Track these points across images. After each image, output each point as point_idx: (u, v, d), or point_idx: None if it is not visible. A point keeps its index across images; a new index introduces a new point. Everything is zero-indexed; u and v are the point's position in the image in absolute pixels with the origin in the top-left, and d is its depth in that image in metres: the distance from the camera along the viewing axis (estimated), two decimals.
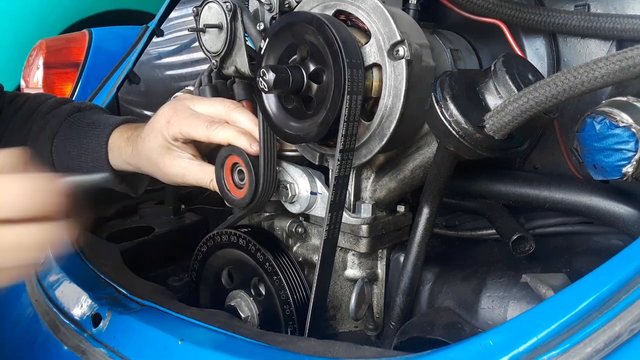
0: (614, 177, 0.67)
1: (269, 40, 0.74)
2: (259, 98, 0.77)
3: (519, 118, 0.61)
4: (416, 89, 0.72)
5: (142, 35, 1.41)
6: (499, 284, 0.72)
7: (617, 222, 0.74)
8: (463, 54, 0.93)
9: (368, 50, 0.72)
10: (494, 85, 0.67)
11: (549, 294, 0.62)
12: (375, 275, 0.85)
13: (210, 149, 0.87)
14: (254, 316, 0.86)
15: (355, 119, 0.70)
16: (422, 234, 0.77)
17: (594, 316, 0.49)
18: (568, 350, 0.48)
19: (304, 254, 0.87)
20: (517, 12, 0.83)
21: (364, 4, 0.73)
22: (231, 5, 0.84)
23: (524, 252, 0.78)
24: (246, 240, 0.84)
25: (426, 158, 0.81)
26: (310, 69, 0.71)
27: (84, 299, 0.87)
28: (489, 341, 0.53)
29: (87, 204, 0.68)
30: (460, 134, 0.65)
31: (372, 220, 0.81)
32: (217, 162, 0.83)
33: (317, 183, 0.82)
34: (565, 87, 0.56)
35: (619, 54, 0.53)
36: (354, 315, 0.79)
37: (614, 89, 0.80)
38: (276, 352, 0.67)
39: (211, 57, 0.89)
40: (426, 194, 0.77)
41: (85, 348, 0.79)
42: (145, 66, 1.72)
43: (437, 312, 0.76)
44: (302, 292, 0.81)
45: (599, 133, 0.67)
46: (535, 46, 0.90)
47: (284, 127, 0.75)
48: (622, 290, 0.50)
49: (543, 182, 0.81)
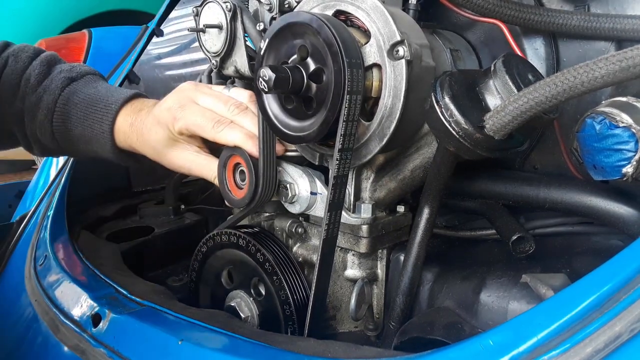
0: (614, 177, 0.67)
1: (268, 40, 0.74)
2: (258, 98, 0.77)
3: (519, 118, 0.61)
4: (416, 89, 0.72)
5: (142, 35, 1.41)
6: (499, 284, 0.72)
7: (617, 222, 0.74)
8: (463, 54, 0.93)
9: (368, 51, 0.72)
10: (494, 86, 0.67)
11: (549, 294, 0.61)
12: (375, 275, 0.85)
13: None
14: (253, 316, 0.85)
15: (355, 119, 0.70)
16: (422, 234, 0.77)
17: (594, 316, 0.49)
18: (568, 350, 0.48)
19: (304, 254, 0.87)
20: (517, 12, 0.83)
21: (364, 4, 0.73)
22: (231, 5, 0.84)
23: (524, 252, 0.78)
24: (246, 240, 0.84)
25: (426, 158, 0.81)
26: (310, 69, 0.71)
27: (83, 299, 0.87)
28: (489, 341, 0.53)
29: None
30: (460, 134, 0.65)
31: (372, 221, 0.81)
32: (219, 162, 0.83)
33: (317, 183, 0.82)
34: (565, 88, 0.56)
35: (619, 54, 0.53)
36: (354, 315, 0.79)
37: (614, 89, 0.80)
38: (276, 352, 0.67)
39: (211, 57, 0.89)
40: (426, 194, 0.77)
41: (85, 348, 0.79)
42: (145, 66, 1.72)
43: (437, 312, 0.75)
44: (302, 292, 0.81)
45: (599, 133, 0.67)
46: (535, 46, 0.90)
47: (284, 127, 0.75)
48: (622, 290, 0.50)
49: (543, 182, 0.81)
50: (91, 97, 0.91)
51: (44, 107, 0.92)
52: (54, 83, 0.93)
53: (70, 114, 0.91)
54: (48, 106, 0.92)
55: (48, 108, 0.92)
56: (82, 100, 0.91)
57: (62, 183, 1.20)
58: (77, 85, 0.93)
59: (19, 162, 3.63)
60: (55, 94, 0.92)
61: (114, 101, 0.89)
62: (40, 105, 0.92)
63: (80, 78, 0.95)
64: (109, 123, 0.88)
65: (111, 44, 2.02)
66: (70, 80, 0.93)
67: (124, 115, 0.88)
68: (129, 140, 0.88)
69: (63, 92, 0.92)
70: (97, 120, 0.89)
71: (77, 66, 0.97)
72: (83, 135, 0.91)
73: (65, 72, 0.95)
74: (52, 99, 0.92)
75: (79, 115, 0.91)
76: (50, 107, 0.92)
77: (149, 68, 1.79)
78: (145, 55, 1.51)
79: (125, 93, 0.91)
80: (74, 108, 0.91)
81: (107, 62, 1.45)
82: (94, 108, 0.90)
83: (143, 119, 0.86)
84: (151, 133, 0.85)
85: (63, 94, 0.92)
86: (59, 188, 1.19)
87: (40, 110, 0.92)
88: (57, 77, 0.94)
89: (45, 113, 0.92)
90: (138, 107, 0.89)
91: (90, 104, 0.90)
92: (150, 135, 0.85)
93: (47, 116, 0.92)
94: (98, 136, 0.90)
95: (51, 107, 0.92)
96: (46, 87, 0.93)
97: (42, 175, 1.38)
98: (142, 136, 0.86)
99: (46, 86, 0.93)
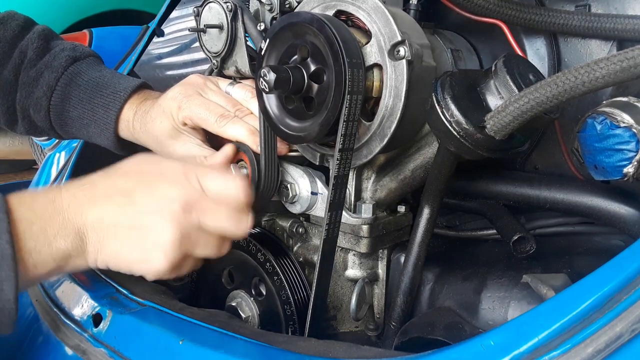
0: (615, 177, 0.67)
1: (269, 40, 0.74)
2: (259, 98, 0.77)
3: (519, 118, 0.61)
4: (417, 89, 0.72)
5: (142, 35, 1.41)
6: (500, 284, 0.72)
7: (618, 223, 0.74)
8: (464, 54, 0.92)
9: (369, 51, 0.72)
10: (494, 86, 0.67)
11: (549, 295, 0.61)
12: (375, 275, 0.85)
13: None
14: (254, 316, 0.86)
15: (355, 119, 0.70)
16: (423, 234, 0.77)
17: (595, 316, 0.49)
18: (569, 350, 0.48)
19: (304, 254, 0.87)
20: (517, 12, 0.83)
21: (365, 4, 0.73)
22: (232, 5, 0.84)
23: (525, 252, 0.78)
24: (247, 240, 0.84)
25: (427, 158, 0.81)
26: (311, 69, 0.71)
27: (84, 299, 0.87)
28: (490, 341, 0.53)
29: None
30: (461, 135, 0.65)
31: (373, 221, 0.81)
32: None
33: (317, 183, 0.82)
34: (566, 88, 0.56)
35: (620, 54, 0.53)
36: (355, 315, 0.79)
37: (615, 89, 0.80)
38: (276, 352, 0.67)
39: (212, 58, 0.89)
40: (427, 194, 0.77)
41: (85, 348, 0.79)
42: (146, 66, 1.72)
43: (438, 312, 0.76)
44: (302, 292, 0.81)
45: (600, 133, 0.67)
46: (536, 46, 0.90)
47: (284, 127, 0.75)
48: (623, 290, 0.50)
49: (544, 182, 0.81)
50: (96, 81, 0.89)
51: (44, 83, 0.89)
52: (56, 60, 0.90)
53: (71, 94, 0.89)
54: (49, 83, 0.89)
55: (49, 85, 0.89)
56: (86, 82, 0.89)
57: (62, 183, 1.20)
58: (81, 66, 0.91)
59: (20, 162, 3.63)
60: (58, 72, 0.89)
61: (122, 89, 0.87)
62: (40, 82, 0.89)
63: (84, 59, 0.92)
64: (115, 111, 0.86)
65: (112, 43, 2.03)
66: (73, 59, 0.91)
67: (129, 104, 0.87)
68: (132, 129, 0.87)
69: (66, 71, 0.90)
70: (101, 105, 0.87)
71: (80, 46, 0.94)
72: (81, 118, 0.89)
73: (68, 50, 0.92)
74: (54, 77, 0.89)
75: (82, 97, 0.88)
76: (51, 84, 0.89)
77: (150, 68, 1.80)
78: (145, 55, 1.51)
79: (133, 82, 0.89)
80: (77, 89, 0.89)
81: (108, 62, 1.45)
82: (100, 93, 0.88)
83: (147, 108, 0.85)
84: (155, 122, 0.83)
85: (66, 73, 0.90)
86: None
87: (40, 86, 0.89)
88: (60, 55, 0.91)
89: (44, 90, 0.89)
90: (143, 97, 0.88)
91: (96, 88, 0.88)
92: (155, 124, 0.83)
93: (46, 93, 0.89)
94: (99, 122, 0.88)
95: (52, 85, 0.89)
96: (48, 64, 0.90)
97: (43, 175, 1.38)
98: (145, 125, 0.85)
99: (47, 62, 0.90)
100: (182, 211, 0.61)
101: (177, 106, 0.81)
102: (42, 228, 0.57)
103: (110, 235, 0.60)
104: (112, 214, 0.60)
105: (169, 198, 0.62)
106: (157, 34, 1.37)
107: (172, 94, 0.83)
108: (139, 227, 0.61)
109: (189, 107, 0.80)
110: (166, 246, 0.61)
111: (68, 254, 0.59)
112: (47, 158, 1.40)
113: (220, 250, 0.66)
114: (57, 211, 0.59)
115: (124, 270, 0.62)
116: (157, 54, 2.03)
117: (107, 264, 0.62)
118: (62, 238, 0.58)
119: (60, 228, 0.58)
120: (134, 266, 0.62)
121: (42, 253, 0.57)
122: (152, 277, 0.63)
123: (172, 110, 0.81)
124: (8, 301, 0.55)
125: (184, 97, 0.81)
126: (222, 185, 0.65)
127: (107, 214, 0.60)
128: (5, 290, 0.54)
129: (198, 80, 0.84)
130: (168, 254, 0.61)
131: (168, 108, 0.82)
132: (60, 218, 0.59)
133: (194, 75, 0.86)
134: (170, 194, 0.62)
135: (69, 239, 0.58)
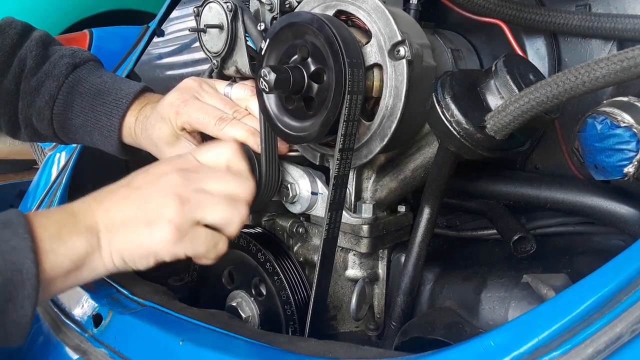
0: (615, 177, 0.67)
1: (269, 40, 0.74)
2: (259, 98, 0.77)
3: (520, 118, 0.61)
4: (417, 89, 0.72)
5: (142, 35, 1.40)
6: (500, 284, 0.72)
7: (618, 222, 0.74)
8: (464, 54, 0.92)
9: (369, 51, 0.72)
10: (495, 86, 0.67)
11: (550, 295, 0.61)
12: (376, 275, 0.85)
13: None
14: (254, 316, 0.86)
15: (355, 119, 0.70)
16: (423, 234, 0.77)
17: (595, 317, 0.49)
18: (569, 351, 0.48)
19: (304, 254, 0.87)
20: (518, 12, 0.83)
21: (365, 4, 0.73)
22: (232, 5, 0.84)
23: (525, 252, 0.78)
24: (247, 240, 0.84)
25: (427, 158, 0.80)
26: (311, 69, 0.71)
27: (84, 299, 0.87)
28: (490, 342, 0.53)
29: None
30: (461, 134, 0.65)
31: (373, 221, 0.80)
32: None
33: (317, 183, 0.82)
34: (567, 87, 0.56)
35: (621, 54, 0.53)
36: (355, 315, 0.79)
37: (615, 89, 0.80)
38: (277, 352, 0.67)
39: (212, 58, 0.89)
40: (427, 194, 0.77)
41: (86, 348, 0.79)
42: (146, 66, 1.72)
43: (438, 312, 0.75)
44: (303, 292, 0.81)
45: (600, 133, 0.66)
46: (536, 46, 0.89)
47: (284, 127, 0.75)
48: (624, 291, 0.50)
49: (544, 182, 0.81)
50: (98, 88, 0.89)
51: (46, 93, 0.89)
52: (57, 69, 0.90)
53: (73, 102, 0.89)
54: (51, 92, 0.89)
55: (50, 94, 0.89)
56: (87, 90, 0.89)
57: (63, 183, 1.20)
58: (81, 73, 0.91)
59: (20, 162, 3.63)
60: (59, 80, 0.89)
61: (124, 95, 0.87)
62: (42, 91, 0.90)
63: (84, 64, 0.92)
64: (118, 118, 0.87)
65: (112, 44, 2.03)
66: (73, 66, 0.91)
67: (131, 110, 0.87)
68: (134, 135, 0.87)
69: (67, 79, 0.90)
70: (104, 113, 0.87)
71: (79, 51, 0.94)
72: (85, 126, 0.89)
73: (67, 57, 0.92)
74: (56, 86, 0.89)
75: (84, 105, 0.89)
76: (53, 93, 0.89)
77: (150, 68, 1.80)
78: (145, 55, 1.51)
79: (134, 87, 0.89)
80: (79, 97, 0.89)
81: (108, 62, 1.45)
82: (102, 100, 0.88)
83: (147, 114, 0.85)
84: (154, 129, 0.84)
85: (67, 81, 0.90)
86: (60, 188, 1.19)
87: (41, 96, 0.90)
88: (59, 62, 0.91)
89: (47, 99, 0.89)
90: (144, 102, 0.88)
91: (98, 96, 0.88)
92: (154, 131, 0.84)
93: (48, 103, 0.89)
94: (103, 129, 0.88)
95: (54, 94, 0.89)
96: (48, 72, 0.90)
97: (44, 175, 1.38)
98: (146, 131, 0.85)
99: (48, 71, 0.90)
100: (179, 177, 0.65)
101: (175, 112, 0.81)
102: (57, 230, 0.60)
103: (119, 223, 0.63)
104: (118, 205, 0.64)
105: (165, 171, 0.66)
106: (157, 34, 1.37)
107: (169, 99, 0.83)
108: (141, 206, 0.64)
109: (187, 112, 0.80)
110: (168, 210, 0.63)
111: (84, 252, 0.61)
112: (48, 158, 1.40)
113: (232, 214, 0.67)
114: (69, 214, 0.63)
115: (139, 255, 0.64)
116: (157, 54, 2.03)
117: (122, 255, 0.63)
118: (76, 236, 0.61)
119: (73, 227, 0.61)
120: (143, 245, 0.63)
121: (59, 253, 0.59)
122: (166, 252, 0.64)
123: (170, 116, 0.82)
124: (25, 316, 0.57)
125: (181, 103, 0.81)
126: (214, 152, 0.71)
127: (113, 205, 0.64)
128: (25, 308, 0.57)
129: (193, 84, 0.84)
130: (173, 219, 0.62)
131: (166, 114, 0.82)
132: (72, 220, 0.62)
133: (189, 79, 0.86)
134: (166, 169, 0.67)
135: (82, 235, 0.61)
